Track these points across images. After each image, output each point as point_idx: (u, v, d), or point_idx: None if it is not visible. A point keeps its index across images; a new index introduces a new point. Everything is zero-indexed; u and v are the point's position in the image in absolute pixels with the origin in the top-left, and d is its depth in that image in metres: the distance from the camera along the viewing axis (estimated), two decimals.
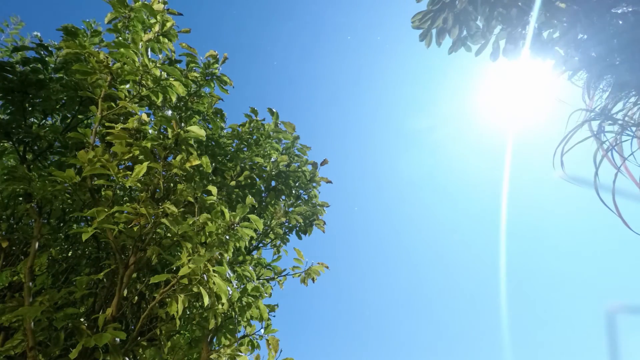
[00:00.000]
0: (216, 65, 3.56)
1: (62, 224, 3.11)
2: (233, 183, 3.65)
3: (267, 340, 2.85)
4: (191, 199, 2.62)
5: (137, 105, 2.82)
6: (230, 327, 3.00)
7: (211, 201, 2.71)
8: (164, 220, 2.33)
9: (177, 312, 2.20)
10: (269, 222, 3.97)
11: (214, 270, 2.35)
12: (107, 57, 2.85)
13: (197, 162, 2.62)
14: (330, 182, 4.32)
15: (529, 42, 2.00)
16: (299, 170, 4.20)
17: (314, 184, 4.29)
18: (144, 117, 2.63)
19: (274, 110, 4.01)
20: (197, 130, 2.67)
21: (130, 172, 2.46)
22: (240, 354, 2.79)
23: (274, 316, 3.55)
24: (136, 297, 2.87)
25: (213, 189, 2.68)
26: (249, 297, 2.94)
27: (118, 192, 3.16)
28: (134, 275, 2.73)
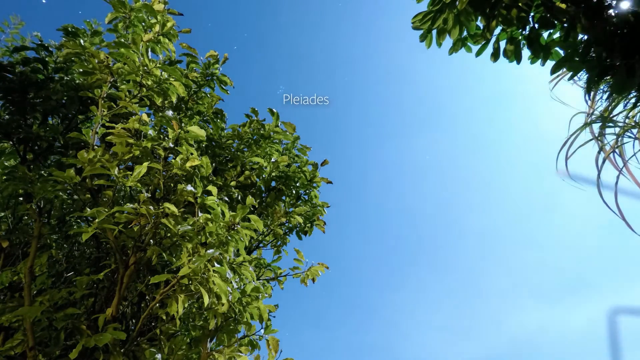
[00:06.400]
0: (216, 66, 3.57)
1: (62, 224, 3.11)
2: (233, 183, 3.65)
3: (267, 341, 2.85)
4: (191, 199, 2.61)
5: (137, 105, 2.82)
6: (230, 327, 3.00)
7: (211, 201, 2.71)
8: (164, 220, 2.33)
9: (177, 312, 2.20)
10: (269, 222, 3.97)
11: (214, 271, 2.35)
12: (108, 57, 2.85)
13: (197, 162, 2.62)
14: (330, 182, 4.31)
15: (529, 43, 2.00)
16: (299, 170, 4.19)
17: (314, 185, 4.29)
18: (144, 117, 2.63)
19: (275, 111, 4.01)
20: (197, 130, 2.67)
21: (131, 172, 2.46)
22: (240, 354, 2.79)
23: (274, 316, 3.55)
24: (136, 297, 2.87)
25: (213, 189, 2.68)
26: (249, 298, 2.94)
27: (118, 193, 3.16)
28: (134, 275, 2.73)
